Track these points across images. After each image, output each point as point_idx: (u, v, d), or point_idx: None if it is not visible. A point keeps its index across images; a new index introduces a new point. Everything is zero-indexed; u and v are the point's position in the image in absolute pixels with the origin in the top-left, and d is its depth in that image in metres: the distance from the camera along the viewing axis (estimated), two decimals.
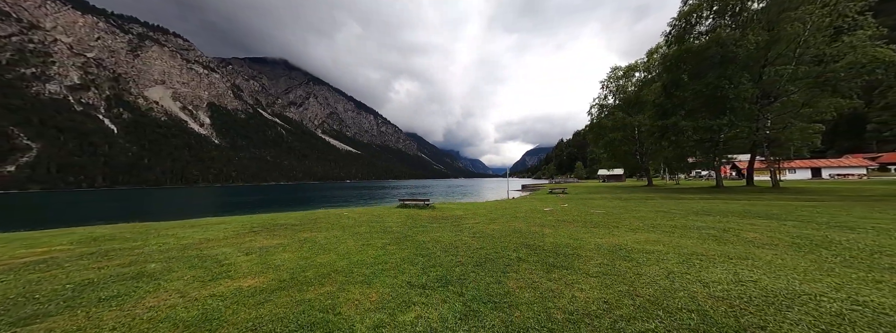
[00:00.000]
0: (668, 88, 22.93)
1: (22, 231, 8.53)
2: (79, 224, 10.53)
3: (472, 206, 14.19)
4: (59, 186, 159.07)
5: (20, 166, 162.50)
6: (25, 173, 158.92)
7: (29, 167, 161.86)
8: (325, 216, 10.35)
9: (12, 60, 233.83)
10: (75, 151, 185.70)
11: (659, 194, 19.39)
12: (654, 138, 25.15)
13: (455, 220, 9.45)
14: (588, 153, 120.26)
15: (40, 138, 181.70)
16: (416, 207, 12.48)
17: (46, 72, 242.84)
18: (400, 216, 10.46)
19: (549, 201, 17.37)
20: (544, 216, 9.62)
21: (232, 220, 9.72)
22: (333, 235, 6.72)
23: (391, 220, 9.35)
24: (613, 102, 40.57)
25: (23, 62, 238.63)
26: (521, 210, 11.82)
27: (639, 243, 5.28)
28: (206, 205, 29.05)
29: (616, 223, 7.76)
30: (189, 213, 20.43)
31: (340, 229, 7.56)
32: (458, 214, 11.05)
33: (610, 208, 11.77)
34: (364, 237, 6.54)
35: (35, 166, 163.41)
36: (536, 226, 7.64)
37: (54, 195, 71.63)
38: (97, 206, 30.76)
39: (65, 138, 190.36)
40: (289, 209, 20.33)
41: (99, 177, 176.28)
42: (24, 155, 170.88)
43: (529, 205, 14.14)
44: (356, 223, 8.48)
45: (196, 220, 10.24)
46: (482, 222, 8.84)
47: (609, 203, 13.80)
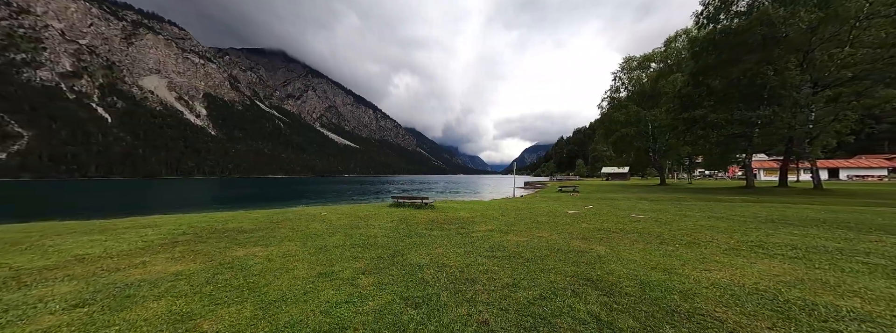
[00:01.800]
0: (696, 75, 20.60)
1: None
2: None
3: (479, 206, 12.04)
4: (51, 174, 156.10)
5: (11, 153, 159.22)
6: (17, 160, 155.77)
7: (20, 155, 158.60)
8: (295, 217, 8.17)
9: (2, 45, 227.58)
10: (68, 139, 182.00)
11: (687, 194, 17.29)
12: (677, 133, 22.91)
13: (461, 225, 7.31)
14: (590, 151, 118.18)
15: (32, 126, 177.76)
16: (412, 206, 10.31)
17: (37, 58, 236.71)
18: (391, 218, 8.30)
19: (565, 200, 15.28)
20: (575, 222, 7.49)
21: (166, 221, 7.53)
22: (284, 253, 4.54)
23: (379, 224, 7.19)
24: (626, 94, 38.19)
25: (13, 47, 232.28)
26: (540, 212, 9.69)
27: (784, 283, 3.11)
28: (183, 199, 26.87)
29: (686, 236, 5.61)
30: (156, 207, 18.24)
31: (302, 240, 5.37)
32: (463, 216, 8.90)
33: (648, 211, 9.64)
34: (329, 256, 4.37)
35: (26, 154, 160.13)
36: (577, 239, 5.50)
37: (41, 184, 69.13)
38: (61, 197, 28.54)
39: (57, 127, 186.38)
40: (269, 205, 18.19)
41: (92, 167, 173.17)
42: (15, 143, 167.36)
43: (546, 206, 12.01)
44: (329, 230, 6.31)
45: (127, 219, 8.04)
46: (498, 229, 6.71)
47: (641, 205, 11.67)
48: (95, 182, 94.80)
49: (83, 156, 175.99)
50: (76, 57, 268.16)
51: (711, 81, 19.50)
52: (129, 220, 7.92)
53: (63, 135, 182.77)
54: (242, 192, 38.93)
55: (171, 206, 19.77)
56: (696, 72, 20.39)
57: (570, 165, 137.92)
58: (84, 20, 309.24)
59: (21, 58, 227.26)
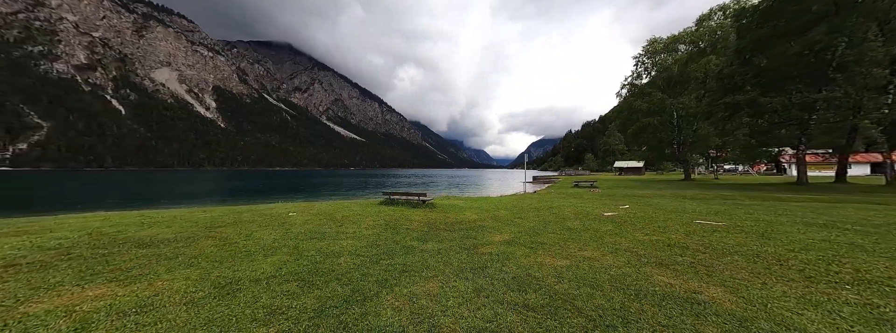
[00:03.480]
0: (741, 52, 17.73)
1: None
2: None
3: (487, 204, 10.04)
4: (70, 165, 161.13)
5: (31, 144, 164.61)
6: (37, 151, 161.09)
7: (40, 146, 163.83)
8: (249, 219, 6.37)
9: (19, 38, 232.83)
10: (84, 131, 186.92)
11: (731, 191, 14.87)
12: (714, 121, 20.17)
13: (466, 232, 5.37)
14: (600, 144, 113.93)
15: (50, 118, 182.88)
16: (407, 204, 8.39)
17: (53, 50, 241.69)
18: (376, 221, 6.41)
19: (587, 197, 13.16)
20: (623, 231, 5.44)
21: (67, 224, 5.75)
22: (147, 298, 2.60)
23: (355, 232, 5.31)
24: (648, 80, 34.95)
25: (30, 40, 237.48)
26: (566, 214, 7.65)
27: None
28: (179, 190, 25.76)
29: (830, 261, 3.50)
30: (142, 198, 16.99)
31: (214, 265, 3.47)
32: (468, 218, 6.95)
33: (709, 214, 7.48)
34: (228, 307, 2.46)
35: (45, 144, 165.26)
36: (652, 265, 3.48)
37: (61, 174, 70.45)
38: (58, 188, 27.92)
39: (73, 118, 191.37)
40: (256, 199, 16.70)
41: (108, 157, 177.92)
42: (35, 134, 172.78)
43: (568, 205, 9.95)
44: (276, 243, 4.45)
45: (26, 219, 6.34)
46: (518, 240, 4.74)
47: (690, 205, 9.47)
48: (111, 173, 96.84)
49: (99, 147, 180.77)
50: (90, 49, 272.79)
51: (762, 59, 16.64)
52: (29, 220, 6.23)
53: (79, 126, 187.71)
54: (243, 184, 37.94)
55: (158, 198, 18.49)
56: (743, 48, 17.52)
57: (579, 159, 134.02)
58: (97, 13, 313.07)
59: (38, 50, 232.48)
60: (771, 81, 16.43)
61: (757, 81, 16.95)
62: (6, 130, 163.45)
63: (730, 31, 25.50)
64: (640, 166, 73.97)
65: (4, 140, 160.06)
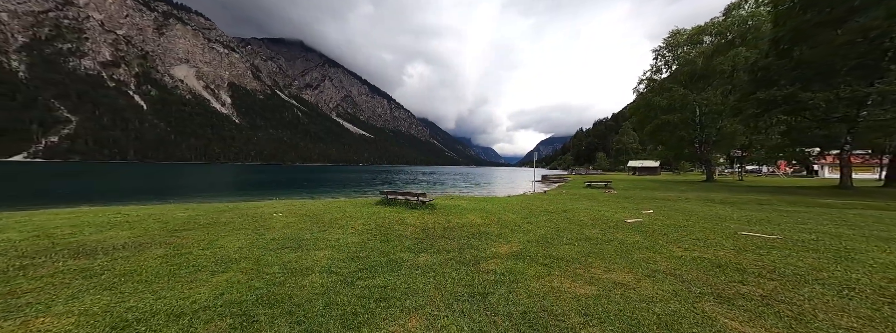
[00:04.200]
0: (779, 42, 16.09)
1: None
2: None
3: (493, 205, 9.24)
4: (96, 157, 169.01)
5: (61, 137, 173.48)
6: (66, 144, 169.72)
7: (69, 139, 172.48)
8: (227, 220, 5.80)
9: (50, 36, 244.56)
10: (109, 125, 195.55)
11: (765, 195, 13.51)
12: (744, 118, 18.56)
13: (468, 240, 4.61)
14: (613, 143, 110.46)
15: (78, 112, 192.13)
16: (406, 204, 7.69)
17: (81, 48, 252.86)
18: (366, 225, 5.73)
19: (602, 199, 12.19)
20: (655, 244, 4.56)
21: (32, 220, 5.28)
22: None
23: (337, 240, 4.64)
24: (669, 75, 32.99)
25: (60, 38, 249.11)
26: (582, 219, 6.79)
27: None
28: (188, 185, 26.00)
29: None
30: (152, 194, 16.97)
31: (146, 284, 2.82)
32: (471, 222, 6.19)
33: (750, 222, 6.45)
34: None
35: (74, 138, 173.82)
36: (710, 302, 2.64)
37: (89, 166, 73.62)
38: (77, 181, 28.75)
39: (99, 113, 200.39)
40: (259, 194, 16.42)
41: (131, 151, 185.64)
42: (65, 127, 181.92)
43: (583, 208, 9.04)
44: (239, 255, 3.82)
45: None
46: (527, 253, 3.96)
47: (723, 211, 8.40)
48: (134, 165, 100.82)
49: (123, 141, 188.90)
50: (114, 47, 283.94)
51: (803, 49, 15.01)
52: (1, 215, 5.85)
53: (105, 121, 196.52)
54: (251, 178, 38.32)
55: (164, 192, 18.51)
56: (780, 38, 15.86)
57: (590, 158, 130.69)
58: (121, 11, 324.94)
59: (67, 48, 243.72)
60: (813, 74, 14.80)
61: (796, 74, 15.33)
62: (39, 123, 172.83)
63: (764, 19, 23.48)
64: (655, 166, 71.17)
65: (37, 133, 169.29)
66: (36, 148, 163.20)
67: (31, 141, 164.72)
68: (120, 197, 14.59)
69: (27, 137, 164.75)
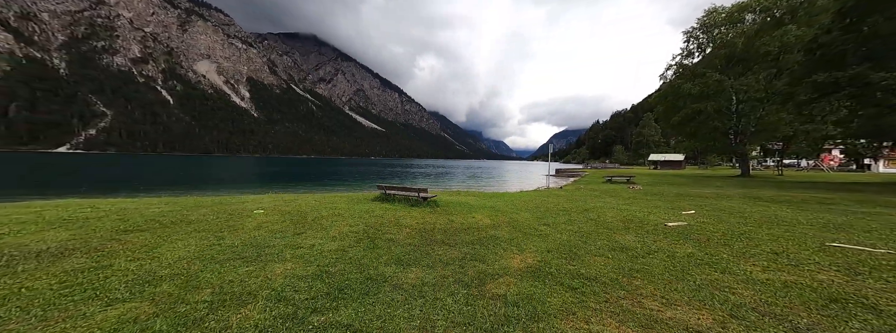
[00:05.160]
0: (846, 15, 13.76)
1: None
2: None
3: (504, 202, 8.26)
4: (129, 149, 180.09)
5: (98, 130, 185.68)
6: (103, 136, 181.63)
7: (105, 132, 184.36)
8: (201, 217, 5.19)
9: (86, 34, 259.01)
10: (140, 119, 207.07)
11: (827, 193, 11.72)
12: (797, 104, 16.32)
13: (472, 247, 3.73)
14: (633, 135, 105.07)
15: (112, 106, 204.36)
16: (405, 201, 6.85)
17: (113, 45, 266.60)
18: (354, 226, 4.94)
19: (627, 197, 10.94)
20: (719, 258, 3.50)
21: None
22: None
23: (312, 247, 3.89)
24: (701, 59, 30.05)
25: (94, 36, 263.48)
26: (609, 221, 5.72)
27: None
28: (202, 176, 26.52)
29: None
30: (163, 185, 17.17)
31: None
32: (478, 222, 5.27)
33: (830, 228, 5.15)
34: None
35: (110, 131, 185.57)
36: None
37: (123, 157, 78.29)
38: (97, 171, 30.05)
39: (131, 107, 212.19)
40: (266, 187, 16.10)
41: (159, 143, 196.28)
42: (101, 121, 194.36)
43: (607, 207, 7.92)
44: (169, 272, 3.12)
45: None
46: (549, 269, 3.05)
47: (784, 212, 7.03)
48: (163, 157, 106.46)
49: (152, 134, 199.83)
50: (143, 44, 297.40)
51: (878, 21, 12.70)
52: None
53: (136, 115, 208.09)
54: (267, 170, 39.01)
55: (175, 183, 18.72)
56: (849, 8, 13.50)
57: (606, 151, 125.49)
58: (147, 9, 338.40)
59: (100, 45, 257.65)
60: (888, 51, 12.51)
61: (865, 51, 13.05)
62: (79, 117, 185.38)
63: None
64: (679, 160, 67.00)
65: (78, 126, 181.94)
66: (77, 140, 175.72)
67: (73, 134, 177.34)
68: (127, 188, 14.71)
69: (69, 129, 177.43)
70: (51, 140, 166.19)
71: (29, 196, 9.57)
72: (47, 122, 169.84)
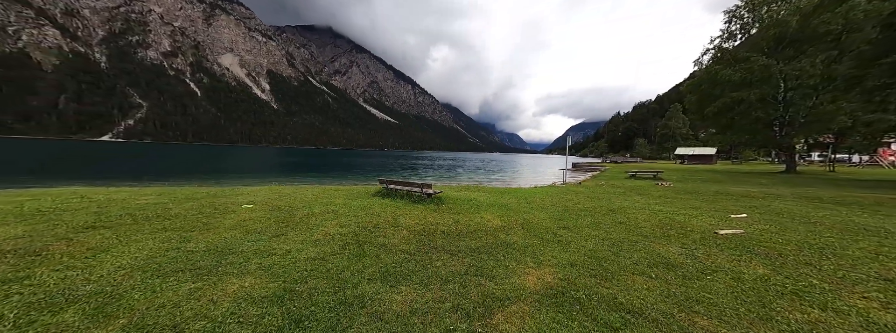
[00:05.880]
0: None
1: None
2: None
3: (516, 199, 7.48)
4: (162, 139, 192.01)
5: (136, 120, 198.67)
6: (140, 126, 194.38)
7: (141, 122, 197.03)
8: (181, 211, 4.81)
9: (122, 29, 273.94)
10: (172, 110, 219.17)
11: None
12: (867, 90, 14.10)
13: (478, 256, 3.06)
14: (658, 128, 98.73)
15: (147, 98, 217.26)
16: (408, 197, 6.23)
17: (146, 39, 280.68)
18: (344, 226, 4.39)
19: (656, 195, 9.85)
20: (810, 286, 2.66)
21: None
22: None
23: (286, 253, 3.36)
24: (744, 41, 26.95)
25: (129, 31, 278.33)
26: (641, 224, 4.84)
27: None
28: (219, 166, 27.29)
29: None
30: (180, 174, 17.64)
31: None
32: (487, 224, 4.57)
33: None
34: None
35: (145, 121, 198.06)
36: None
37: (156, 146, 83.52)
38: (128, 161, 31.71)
39: (163, 99, 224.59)
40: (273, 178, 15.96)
41: (189, 134, 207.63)
42: (138, 112, 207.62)
43: (637, 207, 6.97)
44: (93, 289, 2.65)
45: None
46: (575, 291, 2.32)
47: (866, 220, 5.80)
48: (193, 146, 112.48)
49: (183, 124, 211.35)
50: (172, 38, 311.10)
51: None
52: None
53: (168, 106, 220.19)
54: (284, 160, 39.88)
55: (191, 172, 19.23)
56: None
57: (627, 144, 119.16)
58: (176, 4, 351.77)
59: (135, 40, 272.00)
60: None
61: None
62: (118, 108, 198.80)
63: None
64: (710, 154, 62.45)
65: (117, 117, 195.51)
66: (118, 130, 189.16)
67: (114, 123, 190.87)
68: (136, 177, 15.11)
69: (111, 120, 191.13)
70: (96, 130, 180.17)
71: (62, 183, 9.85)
72: (92, 113, 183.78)
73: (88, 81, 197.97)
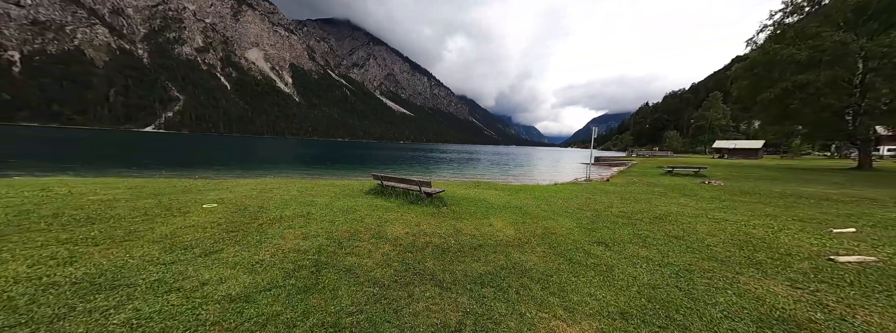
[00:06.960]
0: None
1: None
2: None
3: (533, 198, 6.28)
4: (198, 130, 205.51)
5: (174, 112, 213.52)
6: (178, 118, 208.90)
7: (179, 114, 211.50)
8: (125, 213, 4.10)
9: (160, 26, 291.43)
10: (205, 103, 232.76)
11: None
12: None
13: (482, 289, 1.99)
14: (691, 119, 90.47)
15: (184, 92, 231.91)
16: (405, 197, 5.24)
17: (181, 36, 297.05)
18: (307, 240, 3.49)
19: (706, 197, 8.23)
20: None
21: None
22: None
23: (218, 280, 2.44)
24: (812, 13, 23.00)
25: (167, 28, 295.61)
26: (709, 240, 3.54)
27: None
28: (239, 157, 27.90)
29: None
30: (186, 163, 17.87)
31: None
32: (496, 234, 3.48)
33: None
34: None
35: (182, 113, 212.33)
36: None
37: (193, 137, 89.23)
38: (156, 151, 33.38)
39: (197, 93, 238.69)
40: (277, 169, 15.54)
41: (221, 126, 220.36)
42: (176, 105, 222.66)
43: (690, 214, 5.59)
44: None
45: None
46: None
47: None
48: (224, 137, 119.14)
49: (215, 117, 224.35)
50: (204, 34, 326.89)
51: None
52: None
53: (202, 99, 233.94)
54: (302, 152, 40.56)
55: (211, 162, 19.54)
56: None
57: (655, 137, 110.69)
58: (207, 1, 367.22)
59: (172, 36, 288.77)
60: None
61: None
62: (159, 100, 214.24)
63: None
64: (756, 148, 56.18)
65: (158, 109, 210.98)
66: (159, 121, 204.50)
67: (155, 116, 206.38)
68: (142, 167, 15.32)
69: (153, 112, 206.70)
70: (141, 121, 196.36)
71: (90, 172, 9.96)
72: (137, 105, 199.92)
73: (133, 76, 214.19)
